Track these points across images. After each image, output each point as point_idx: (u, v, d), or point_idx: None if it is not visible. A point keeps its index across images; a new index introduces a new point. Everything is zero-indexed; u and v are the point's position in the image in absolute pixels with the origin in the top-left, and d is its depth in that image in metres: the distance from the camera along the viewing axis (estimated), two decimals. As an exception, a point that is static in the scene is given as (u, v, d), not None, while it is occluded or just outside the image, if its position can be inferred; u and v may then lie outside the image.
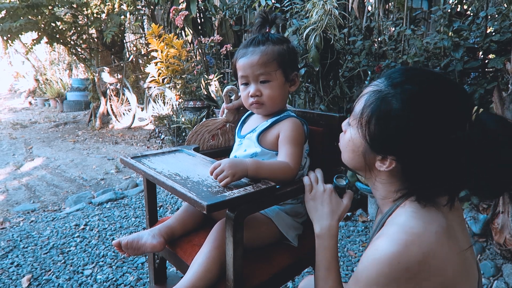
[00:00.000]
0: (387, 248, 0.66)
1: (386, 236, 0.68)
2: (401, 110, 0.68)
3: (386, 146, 0.72)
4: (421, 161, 0.69)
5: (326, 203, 0.93)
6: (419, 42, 2.36)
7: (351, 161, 0.83)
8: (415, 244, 0.65)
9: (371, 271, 0.68)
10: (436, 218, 0.69)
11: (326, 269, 0.90)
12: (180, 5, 4.74)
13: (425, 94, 0.68)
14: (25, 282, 1.93)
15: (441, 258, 0.66)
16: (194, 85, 4.31)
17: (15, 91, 11.19)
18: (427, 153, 0.67)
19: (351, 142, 0.79)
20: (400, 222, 0.69)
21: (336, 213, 0.92)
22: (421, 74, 0.71)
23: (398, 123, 0.68)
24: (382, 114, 0.70)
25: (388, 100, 0.69)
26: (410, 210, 0.71)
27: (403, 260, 0.65)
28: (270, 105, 1.09)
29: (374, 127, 0.72)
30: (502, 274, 1.83)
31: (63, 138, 5.76)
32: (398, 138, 0.69)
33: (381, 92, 0.71)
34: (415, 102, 0.67)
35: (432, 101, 0.67)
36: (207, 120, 1.31)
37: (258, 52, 1.05)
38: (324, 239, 0.91)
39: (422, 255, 0.65)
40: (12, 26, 4.88)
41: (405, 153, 0.70)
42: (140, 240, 1.06)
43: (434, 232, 0.67)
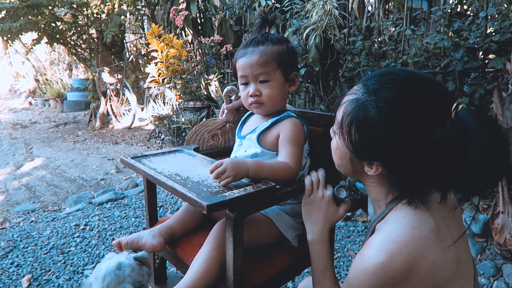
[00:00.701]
0: (373, 259, 0.68)
1: (372, 245, 0.70)
2: (378, 117, 0.68)
3: (369, 153, 0.73)
4: (405, 164, 0.70)
5: (321, 210, 0.93)
6: (419, 42, 2.36)
7: (341, 168, 0.85)
8: (400, 253, 0.66)
9: (361, 280, 0.70)
10: (425, 221, 0.70)
11: (321, 273, 0.91)
12: (180, 5, 4.74)
13: (401, 99, 0.68)
14: (25, 282, 1.93)
15: (431, 261, 0.67)
16: (194, 85, 4.31)
17: (15, 91, 11.19)
18: (409, 156, 0.68)
19: (338, 150, 0.81)
20: (388, 229, 0.71)
21: (328, 221, 0.93)
22: (396, 78, 0.71)
23: (377, 130, 0.69)
24: (360, 122, 0.71)
25: (366, 108, 0.70)
26: (400, 216, 0.72)
27: (388, 269, 0.66)
28: (269, 105, 1.09)
29: (355, 135, 0.73)
30: (502, 274, 1.83)
31: (63, 138, 5.76)
32: (379, 144, 0.70)
33: (358, 100, 0.72)
34: (392, 107, 0.68)
35: (408, 105, 0.67)
36: (206, 120, 1.30)
37: (257, 52, 1.05)
38: (316, 245, 0.92)
39: (408, 262, 0.66)
40: (12, 26, 4.88)
41: (388, 158, 0.71)
42: (140, 240, 1.06)
43: (423, 237, 0.68)
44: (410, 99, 0.68)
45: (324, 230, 0.92)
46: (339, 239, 2.32)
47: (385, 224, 0.73)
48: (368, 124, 0.70)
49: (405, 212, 0.72)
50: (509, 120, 1.83)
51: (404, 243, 0.67)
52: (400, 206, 0.74)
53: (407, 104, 0.67)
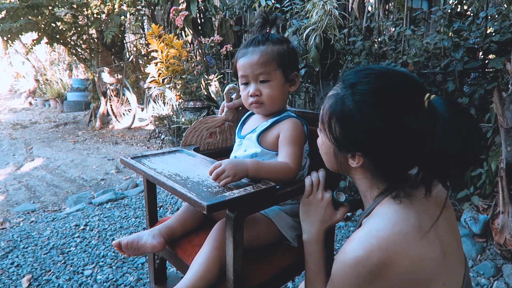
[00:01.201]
0: (352, 253, 0.71)
1: (354, 240, 0.73)
2: (355, 109, 0.72)
3: (350, 144, 0.76)
4: (384, 152, 0.73)
5: (319, 212, 0.94)
6: (419, 42, 2.37)
7: (328, 164, 0.88)
8: (379, 248, 0.69)
9: (342, 273, 0.73)
10: (408, 217, 0.72)
11: (314, 272, 0.93)
12: (180, 6, 4.74)
13: (375, 90, 0.72)
14: (25, 282, 1.93)
15: (411, 257, 0.69)
16: (194, 86, 4.31)
17: (15, 91, 11.20)
18: (386, 144, 0.72)
19: (323, 146, 0.85)
20: (370, 225, 0.74)
21: (325, 223, 0.94)
22: (371, 72, 0.75)
23: (355, 121, 0.73)
24: (340, 115, 0.75)
25: (344, 101, 0.74)
26: (383, 212, 0.75)
27: (367, 263, 0.69)
28: (270, 104, 1.09)
29: (335, 128, 0.77)
30: (502, 275, 1.83)
31: (63, 138, 5.76)
32: (358, 135, 0.74)
33: (337, 94, 0.77)
34: (367, 99, 0.72)
35: (382, 96, 0.71)
36: (206, 117, 1.30)
37: (258, 52, 1.05)
38: (310, 245, 0.94)
39: (386, 257, 0.68)
40: (12, 27, 4.88)
41: (368, 148, 0.75)
42: (140, 240, 1.06)
43: (403, 233, 0.70)
44: (384, 90, 0.72)
45: (320, 231, 0.94)
46: (339, 239, 2.32)
47: (370, 219, 0.76)
48: (347, 116, 0.74)
49: (388, 207, 0.75)
50: (509, 120, 1.83)
51: (384, 239, 0.69)
52: (385, 201, 0.77)
53: (381, 94, 0.72)
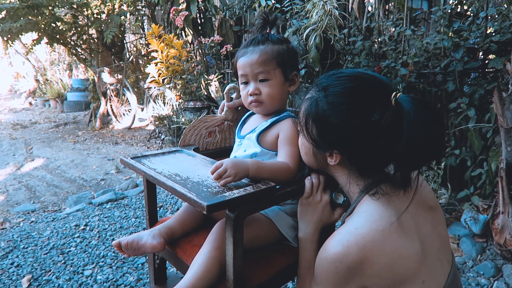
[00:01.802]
0: (331, 249, 0.75)
1: (334, 237, 0.77)
2: (329, 109, 0.78)
3: (327, 143, 0.82)
4: (358, 149, 0.78)
5: (317, 212, 0.96)
6: (419, 42, 2.37)
7: (308, 163, 0.93)
8: (356, 244, 0.72)
9: (322, 269, 0.78)
10: (386, 215, 0.75)
11: (305, 268, 0.96)
12: (180, 6, 4.74)
13: (346, 91, 0.78)
14: (25, 282, 1.93)
15: (388, 254, 0.72)
16: (194, 86, 4.31)
17: (15, 91, 11.20)
18: (359, 141, 0.77)
19: (303, 147, 0.90)
20: (350, 223, 0.77)
21: (322, 223, 0.97)
22: (342, 75, 0.81)
23: (329, 121, 0.78)
24: (315, 116, 0.81)
25: (318, 103, 0.80)
26: (362, 210, 0.79)
27: (344, 259, 0.72)
28: (269, 103, 1.09)
29: (312, 129, 0.82)
30: (503, 275, 1.83)
31: (63, 138, 5.76)
32: (333, 134, 0.79)
33: (312, 98, 0.83)
34: (338, 99, 0.77)
35: (351, 95, 0.77)
36: (205, 116, 1.30)
37: (257, 51, 1.05)
38: (305, 243, 0.97)
39: (363, 254, 0.71)
40: (12, 27, 4.88)
41: (343, 146, 0.80)
42: (140, 240, 1.06)
43: (381, 230, 0.73)
44: (354, 91, 0.78)
45: (316, 231, 0.97)
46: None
47: (351, 217, 0.80)
48: (321, 117, 0.79)
49: (367, 205, 0.79)
50: (509, 120, 1.83)
51: (361, 236, 0.73)
52: (365, 199, 0.81)
53: (351, 95, 0.78)
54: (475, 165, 2.24)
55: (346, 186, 0.87)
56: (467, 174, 2.28)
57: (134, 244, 1.06)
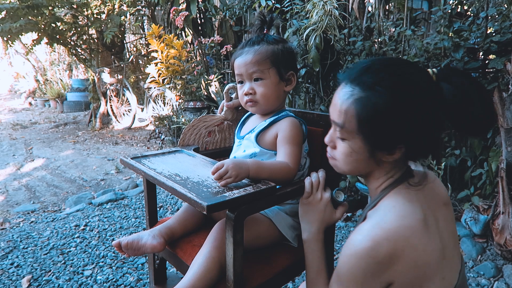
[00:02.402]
0: (360, 244, 0.72)
1: (361, 231, 0.74)
2: (392, 103, 0.73)
3: (393, 139, 0.77)
4: (424, 134, 0.76)
5: (319, 211, 0.95)
6: (419, 42, 2.36)
7: (355, 170, 0.85)
8: (386, 239, 0.70)
9: (349, 265, 0.74)
10: (414, 211, 0.74)
11: (315, 271, 0.93)
12: (180, 6, 4.75)
13: (398, 81, 0.74)
14: (25, 282, 1.93)
15: (416, 250, 0.71)
16: (194, 86, 4.31)
17: (15, 91, 11.19)
18: (425, 125, 0.75)
19: (354, 153, 0.81)
20: (377, 217, 0.75)
21: (325, 222, 0.95)
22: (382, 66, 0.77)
23: (393, 117, 0.73)
24: (378, 115, 0.74)
25: (374, 102, 0.74)
26: (391, 205, 0.76)
27: (375, 254, 0.70)
28: (264, 103, 1.09)
29: (376, 130, 0.76)
30: (503, 275, 1.82)
31: (63, 138, 5.76)
32: (400, 128, 0.75)
33: (362, 98, 0.75)
34: (396, 92, 0.73)
35: (406, 83, 0.74)
36: (205, 115, 1.30)
37: (252, 51, 1.07)
38: (310, 244, 0.95)
39: (393, 249, 0.70)
40: (12, 27, 4.88)
41: (408, 136, 0.76)
42: (140, 240, 1.06)
43: (410, 227, 0.72)
44: (405, 78, 0.75)
45: (320, 230, 0.94)
46: (339, 240, 2.32)
47: (376, 212, 0.78)
48: (384, 114, 0.74)
49: (395, 201, 0.77)
50: (509, 120, 1.83)
51: (391, 231, 0.71)
52: (392, 193, 0.79)
53: (405, 83, 0.74)
54: (475, 165, 2.24)
55: (379, 183, 0.84)
56: (467, 174, 2.28)
57: (134, 244, 1.05)
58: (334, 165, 0.87)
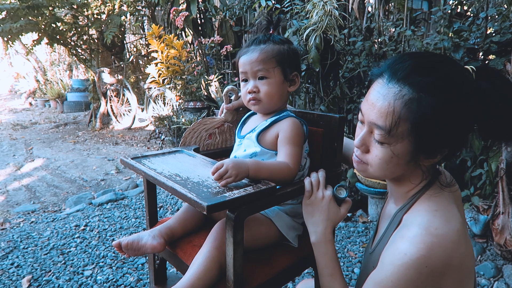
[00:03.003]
0: (414, 252, 0.67)
1: (410, 238, 0.69)
2: (447, 105, 0.69)
3: (442, 143, 0.74)
4: (464, 137, 0.75)
5: (323, 210, 0.92)
6: (419, 43, 2.36)
7: (391, 175, 0.81)
8: (440, 246, 0.67)
9: (400, 277, 0.68)
10: (456, 214, 0.72)
11: (329, 275, 0.89)
12: (180, 6, 4.75)
13: (453, 81, 0.71)
14: (25, 283, 1.93)
15: (462, 254, 0.69)
16: (194, 86, 4.31)
17: (16, 92, 11.20)
18: (466, 129, 0.74)
19: (395, 158, 0.75)
20: (422, 222, 0.71)
21: (331, 220, 0.92)
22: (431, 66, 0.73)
23: (449, 119, 0.70)
24: (433, 118, 0.70)
25: (431, 104, 0.69)
26: (432, 208, 0.73)
27: (430, 263, 0.66)
28: (267, 102, 1.09)
29: (430, 133, 0.71)
30: (503, 275, 1.82)
31: (63, 139, 5.77)
32: (451, 131, 0.72)
33: (416, 100, 0.70)
34: (449, 94, 0.70)
35: (460, 84, 0.71)
36: (205, 118, 1.30)
37: (258, 49, 1.07)
38: (321, 246, 0.91)
39: (446, 255, 0.67)
40: (12, 27, 4.89)
41: (455, 140, 0.74)
42: (140, 241, 1.05)
43: (456, 231, 0.69)
44: (455, 78, 0.71)
45: (327, 230, 0.91)
46: (339, 240, 2.32)
47: (417, 216, 0.73)
48: (438, 117, 0.70)
49: (436, 204, 0.74)
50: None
51: (443, 237, 0.68)
52: (426, 196, 0.76)
53: (456, 84, 0.71)
54: (475, 165, 2.24)
55: (407, 185, 0.80)
56: (467, 175, 2.28)
57: (134, 245, 1.05)
58: (363, 169, 0.82)
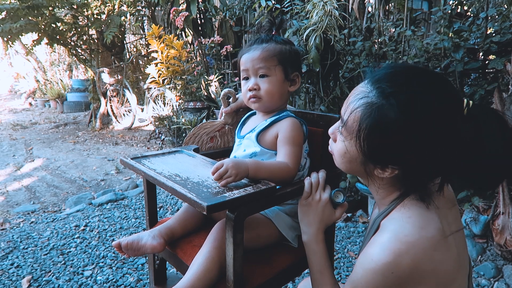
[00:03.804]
0: (381, 258, 0.68)
1: (379, 244, 0.70)
2: (400, 121, 0.66)
3: (385, 158, 0.71)
4: (421, 163, 0.69)
5: (318, 212, 0.94)
6: (419, 43, 2.36)
7: (348, 170, 0.82)
8: (407, 253, 0.67)
9: (367, 279, 0.71)
10: (432, 220, 0.70)
11: (318, 272, 0.92)
12: (180, 6, 4.75)
13: (419, 101, 0.66)
14: (25, 283, 1.93)
15: (435, 262, 0.68)
16: (194, 86, 4.31)
17: (16, 92, 11.19)
18: (427, 154, 0.68)
19: (348, 154, 0.77)
20: (394, 229, 0.71)
21: (324, 223, 0.94)
22: (409, 78, 0.69)
23: (397, 135, 0.67)
24: (376, 127, 0.69)
25: (385, 113, 0.67)
26: (406, 215, 0.72)
27: (396, 269, 0.67)
28: (267, 100, 1.10)
29: (373, 142, 0.70)
30: (503, 276, 1.82)
31: (63, 139, 5.76)
32: (398, 149, 0.69)
33: (373, 104, 0.69)
34: (411, 111, 0.66)
35: (426, 106, 0.66)
36: (205, 122, 1.31)
37: (260, 48, 1.08)
38: (312, 245, 0.93)
39: (414, 263, 0.67)
40: (12, 27, 4.89)
41: (406, 161, 0.70)
42: (140, 241, 1.06)
43: (430, 237, 0.68)
44: (428, 99, 0.66)
45: (319, 231, 0.93)
46: (339, 240, 2.32)
47: (391, 222, 0.73)
48: (385, 130, 0.68)
49: (412, 211, 0.72)
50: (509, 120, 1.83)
51: (412, 244, 0.67)
52: (406, 202, 0.74)
53: (425, 105, 0.66)
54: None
55: (385, 194, 0.79)
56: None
57: (134, 245, 1.05)
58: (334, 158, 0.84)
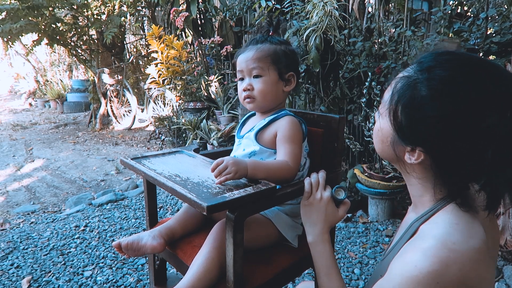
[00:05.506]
0: (425, 266, 0.61)
1: (423, 250, 0.62)
2: (429, 97, 0.62)
3: (414, 136, 0.67)
4: (451, 152, 0.63)
5: (321, 211, 0.93)
6: (420, 43, 2.36)
7: (381, 152, 0.77)
8: (455, 263, 0.60)
9: None
10: (479, 231, 0.65)
11: (326, 275, 0.89)
12: (180, 6, 4.75)
13: (456, 80, 0.62)
14: (25, 283, 1.93)
15: (478, 276, 0.62)
16: (194, 86, 4.32)
17: (16, 92, 11.20)
18: (457, 143, 0.62)
19: (380, 132, 0.74)
20: (440, 235, 0.64)
21: (328, 222, 0.92)
22: (454, 58, 0.64)
23: (425, 112, 0.63)
24: (409, 101, 0.65)
25: (416, 87, 0.64)
26: (453, 221, 0.65)
27: (442, 279, 0.60)
28: (261, 100, 1.10)
29: (401, 115, 0.67)
30: (503, 276, 1.82)
31: (63, 139, 5.76)
32: (425, 127, 0.64)
33: (409, 78, 0.66)
34: (444, 88, 0.62)
35: (463, 87, 0.61)
36: None
37: (254, 49, 1.09)
38: (317, 246, 0.91)
39: (462, 274, 0.60)
40: (12, 28, 4.89)
41: (433, 144, 0.65)
42: (140, 241, 1.05)
43: (477, 249, 0.62)
44: (466, 80, 0.61)
45: (324, 230, 0.92)
46: (339, 240, 2.32)
47: (435, 228, 0.66)
48: (418, 105, 0.64)
49: (458, 217, 0.66)
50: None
51: (461, 253, 0.61)
52: (450, 207, 0.67)
53: (462, 86, 0.61)
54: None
55: (420, 192, 0.73)
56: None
57: (134, 245, 1.05)
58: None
